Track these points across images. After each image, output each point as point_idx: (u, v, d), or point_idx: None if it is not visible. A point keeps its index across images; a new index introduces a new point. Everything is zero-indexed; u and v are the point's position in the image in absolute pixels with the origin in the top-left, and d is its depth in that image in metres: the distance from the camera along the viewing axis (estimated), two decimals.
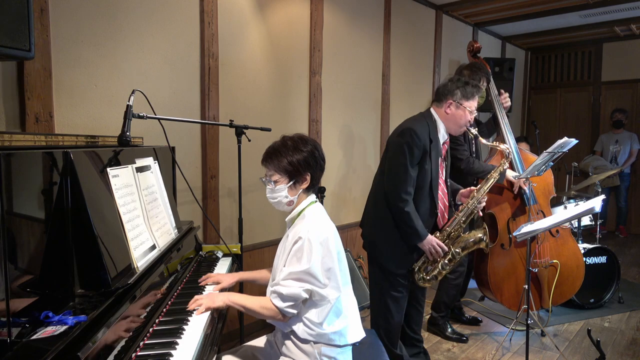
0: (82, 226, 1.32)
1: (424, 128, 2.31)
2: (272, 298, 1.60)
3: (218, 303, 1.62)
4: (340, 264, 1.69)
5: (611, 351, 3.06)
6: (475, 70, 3.20)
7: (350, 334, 1.69)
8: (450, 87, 2.36)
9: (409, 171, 2.26)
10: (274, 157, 1.68)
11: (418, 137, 2.26)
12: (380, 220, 2.40)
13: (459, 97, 2.33)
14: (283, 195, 1.68)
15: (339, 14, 3.92)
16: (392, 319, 2.47)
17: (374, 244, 2.47)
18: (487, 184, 2.45)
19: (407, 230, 2.30)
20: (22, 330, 1.09)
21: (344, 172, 4.16)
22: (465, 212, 2.42)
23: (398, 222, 2.32)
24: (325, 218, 1.71)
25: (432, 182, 2.33)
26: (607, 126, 6.60)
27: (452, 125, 2.38)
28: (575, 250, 3.36)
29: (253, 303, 1.63)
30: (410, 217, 2.26)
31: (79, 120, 2.33)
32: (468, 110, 2.33)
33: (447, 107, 2.35)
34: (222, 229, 3.08)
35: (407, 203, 2.27)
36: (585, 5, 5.07)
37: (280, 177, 1.68)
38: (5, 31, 1.31)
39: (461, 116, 2.33)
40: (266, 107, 3.36)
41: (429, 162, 2.30)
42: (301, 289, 1.57)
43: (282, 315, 1.61)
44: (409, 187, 2.27)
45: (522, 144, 4.43)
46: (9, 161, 1.11)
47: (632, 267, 5.02)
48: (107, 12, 2.40)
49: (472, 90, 2.35)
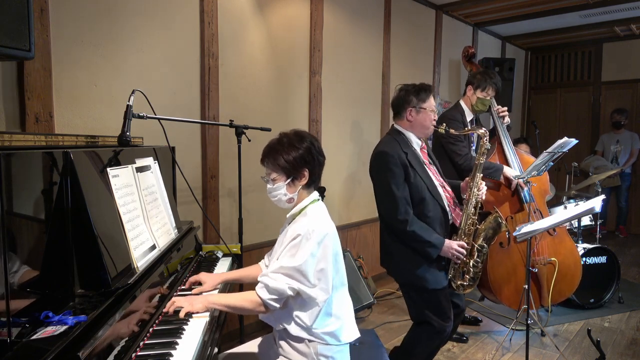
0: (82, 226, 1.32)
1: (393, 145, 2.31)
2: (258, 288, 1.59)
3: (197, 307, 1.57)
4: (337, 265, 1.68)
5: (611, 351, 3.06)
6: (485, 77, 3.18)
7: (345, 335, 1.69)
8: (404, 97, 2.37)
9: (396, 195, 2.23)
10: (271, 155, 1.68)
11: (391, 155, 2.25)
12: (395, 243, 2.34)
13: (415, 102, 2.34)
14: (282, 193, 1.68)
15: (339, 14, 3.92)
16: (430, 345, 2.40)
17: (397, 265, 2.39)
18: (478, 170, 2.40)
19: (421, 247, 2.26)
20: (22, 330, 1.09)
21: (344, 172, 4.16)
22: (470, 204, 2.38)
23: (410, 243, 2.28)
24: (327, 218, 1.70)
25: (429, 189, 2.30)
26: (607, 126, 6.60)
27: (419, 130, 2.37)
28: (572, 248, 3.37)
29: (234, 299, 1.62)
30: (417, 234, 2.23)
31: (79, 120, 2.33)
32: (429, 110, 2.34)
33: (408, 116, 2.35)
34: (222, 229, 3.08)
35: (408, 223, 2.23)
36: (585, 5, 5.08)
37: (277, 175, 1.67)
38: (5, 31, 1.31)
39: (424, 118, 2.34)
40: (266, 107, 3.36)
41: (415, 174, 2.28)
42: (287, 286, 1.56)
43: (264, 307, 1.59)
44: (403, 208, 2.24)
45: (523, 145, 4.43)
46: (9, 161, 1.11)
47: (632, 267, 5.02)
48: (107, 12, 2.41)
49: (424, 92, 2.36)
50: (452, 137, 3.00)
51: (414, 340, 2.43)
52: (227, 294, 1.68)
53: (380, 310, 3.79)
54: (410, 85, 2.40)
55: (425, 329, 2.37)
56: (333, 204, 4.02)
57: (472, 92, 3.17)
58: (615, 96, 6.78)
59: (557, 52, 7.25)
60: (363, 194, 4.26)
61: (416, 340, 2.42)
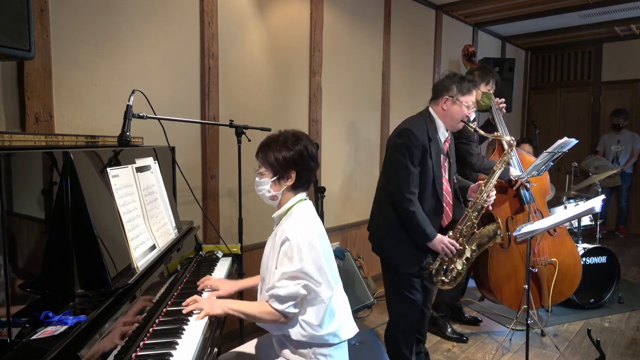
0: (82, 226, 1.32)
1: (422, 127, 2.30)
2: (271, 302, 1.57)
3: (217, 311, 1.59)
4: (329, 264, 1.67)
5: (611, 351, 3.06)
6: (486, 71, 3.20)
7: (344, 332, 1.69)
8: (446, 83, 2.34)
9: (411, 171, 2.24)
10: (264, 150, 1.69)
11: (415, 136, 2.24)
12: (386, 221, 2.39)
13: (454, 92, 2.31)
14: (266, 189, 1.69)
15: (339, 14, 3.92)
16: (409, 320, 2.45)
17: (381, 246, 2.45)
18: (494, 177, 2.40)
19: (415, 230, 2.28)
20: (22, 330, 1.09)
21: (344, 172, 4.16)
22: (475, 208, 2.38)
23: (405, 223, 2.30)
24: (313, 217, 1.69)
25: (435, 181, 2.31)
26: (607, 126, 6.59)
27: (448, 121, 2.35)
28: (573, 249, 3.37)
29: (253, 309, 1.62)
30: (416, 216, 2.24)
31: (79, 120, 2.33)
32: (465, 105, 2.30)
33: (443, 104, 2.33)
34: (222, 229, 3.08)
35: (412, 203, 2.24)
36: (585, 5, 5.08)
37: (265, 170, 1.68)
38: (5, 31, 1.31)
39: (457, 112, 2.31)
40: (266, 107, 3.36)
41: (430, 161, 2.28)
42: (299, 286, 1.55)
43: (284, 317, 1.59)
44: (412, 187, 2.25)
45: (525, 146, 4.43)
46: (9, 161, 1.11)
47: (632, 267, 5.02)
48: (107, 12, 2.41)
49: (468, 85, 2.32)
50: (466, 136, 3.01)
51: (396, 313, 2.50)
52: (245, 302, 1.68)
53: (380, 310, 3.79)
54: (458, 75, 2.36)
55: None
56: (333, 203, 4.02)
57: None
58: (615, 96, 6.78)
59: (557, 52, 7.25)
60: (364, 194, 4.26)
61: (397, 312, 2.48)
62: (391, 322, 2.54)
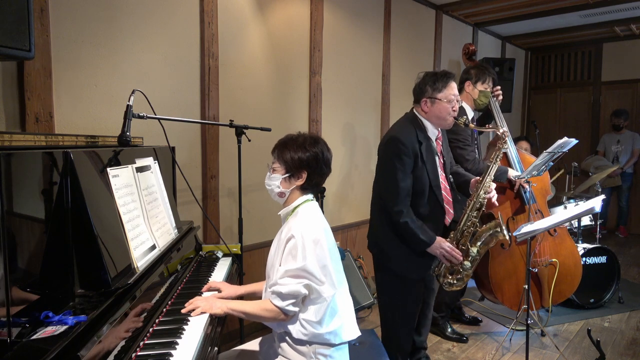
0: (82, 226, 1.32)
1: (410, 132, 2.26)
2: (272, 298, 1.60)
3: (216, 310, 1.60)
4: (334, 262, 1.68)
5: (611, 351, 3.06)
6: (483, 70, 3.18)
7: (345, 333, 1.69)
8: (420, 86, 2.32)
9: (401, 182, 2.20)
10: (281, 147, 1.73)
11: (404, 144, 2.20)
12: (385, 226, 2.34)
13: (430, 93, 2.27)
14: (275, 185, 1.72)
15: (339, 14, 3.92)
16: (405, 327, 2.41)
17: (381, 250, 2.40)
18: (489, 171, 2.37)
19: (410, 239, 2.25)
20: (22, 330, 1.09)
21: (345, 172, 4.16)
22: (473, 206, 2.35)
23: (400, 233, 2.27)
24: (319, 216, 1.72)
25: (432, 184, 2.29)
26: (607, 126, 6.60)
27: (436, 120, 2.31)
28: (573, 249, 3.37)
29: (253, 307, 1.63)
30: (408, 226, 2.20)
31: (79, 120, 2.33)
32: (445, 101, 2.25)
33: (424, 106, 2.31)
34: (222, 229, 3.08)
35: (402, 214, 2.20)
36: (585, 5, 5.07)
37: (279, 166, 1.72)
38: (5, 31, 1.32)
39: (440, 109, 2.27)
40: (266, 107, 3.36)
41: (423, 166, 2.25)
42: (300, 285, 1.57)
43: (284, 314, 1.61)
44: (402, 198, 2.21)
45: (523, 143, 4.41)
46: (9, 161, 1.11)
47: (632, 267, 5.02)
48: (107, 12, 2.41)
49: (442, 80, 2.27)
50: (461, 140, 2.98)
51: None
52: (245, 302, 1.69)
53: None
54: (430, 74, 2.32)
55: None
56: (333, 203, 4.02)
57: (472, 87, 3.15)
58: (615, 96, 6.78)
59: (557, 52, 7.25)
60: (363, 194, 4.26)
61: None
62: (385, 330, 2.48)
